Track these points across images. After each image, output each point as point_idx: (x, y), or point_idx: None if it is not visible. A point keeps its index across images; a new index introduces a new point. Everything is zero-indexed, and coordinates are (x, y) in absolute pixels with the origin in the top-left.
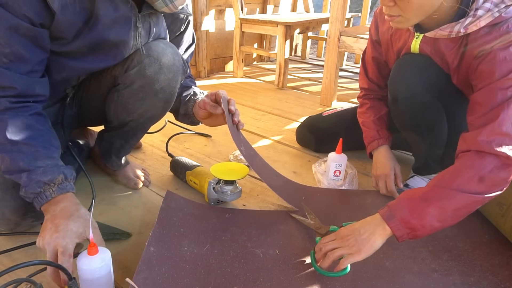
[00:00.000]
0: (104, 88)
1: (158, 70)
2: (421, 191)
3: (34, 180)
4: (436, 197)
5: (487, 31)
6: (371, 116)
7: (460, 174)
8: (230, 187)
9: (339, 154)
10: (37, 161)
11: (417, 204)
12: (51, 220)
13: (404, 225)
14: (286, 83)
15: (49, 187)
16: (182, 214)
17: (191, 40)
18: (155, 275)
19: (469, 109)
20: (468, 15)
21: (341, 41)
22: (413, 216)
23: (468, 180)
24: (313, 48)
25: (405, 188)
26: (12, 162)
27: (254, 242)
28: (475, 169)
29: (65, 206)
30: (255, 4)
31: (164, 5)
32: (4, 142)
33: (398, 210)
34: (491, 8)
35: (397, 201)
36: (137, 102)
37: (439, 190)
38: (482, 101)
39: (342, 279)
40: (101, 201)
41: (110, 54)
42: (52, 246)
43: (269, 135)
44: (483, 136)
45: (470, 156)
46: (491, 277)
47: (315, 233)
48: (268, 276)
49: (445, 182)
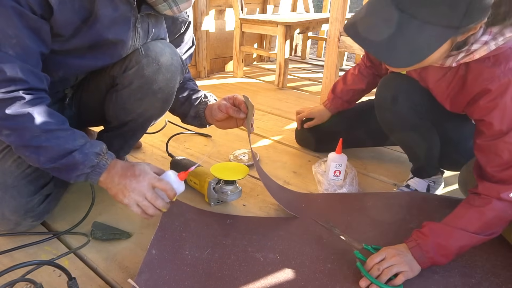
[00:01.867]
0: (103, 88)
1: (156, 70)
2: (446, 231)
3: (89, 154)
4: (460, 240)
5: (490, 65)
6: (344, 84)
7: (484, 221)
8: (230, 187)
9: (339, 154)
10: (77, 140)
11: (444, 246)
12: (122, 179)
13: (431, 263)
14: (286, 83)
15: (101, 157)
16: (184, 219)
17: (190, 42)
18: (156, 277)
19: (483, 155)
20: (462, 49)
21: (341, 41)
22: (441, 256)
23: (491, 224)
24: (313, 48)
25: (406, 189)
26: (57, 148)
27: (254, 246)
28: (499, 217)
29: (123, 166)
30: (255, 4)
31: (168, 7)
32: (38, 134)
33: (429, 252)
34: (488, 41)
35: (426, 240)
36: (135, 102)
37: (464, 235)
38: (499, 152)
39: (342, 279)
40: (101, 201)
41: (108, 53)
42: (145, 187)
43: (269, 135)
44: (506, 192)
45: (492, 203)
46: (492, 278)
47: (352, 247)
48: (268, 279)
49: (469, 227)
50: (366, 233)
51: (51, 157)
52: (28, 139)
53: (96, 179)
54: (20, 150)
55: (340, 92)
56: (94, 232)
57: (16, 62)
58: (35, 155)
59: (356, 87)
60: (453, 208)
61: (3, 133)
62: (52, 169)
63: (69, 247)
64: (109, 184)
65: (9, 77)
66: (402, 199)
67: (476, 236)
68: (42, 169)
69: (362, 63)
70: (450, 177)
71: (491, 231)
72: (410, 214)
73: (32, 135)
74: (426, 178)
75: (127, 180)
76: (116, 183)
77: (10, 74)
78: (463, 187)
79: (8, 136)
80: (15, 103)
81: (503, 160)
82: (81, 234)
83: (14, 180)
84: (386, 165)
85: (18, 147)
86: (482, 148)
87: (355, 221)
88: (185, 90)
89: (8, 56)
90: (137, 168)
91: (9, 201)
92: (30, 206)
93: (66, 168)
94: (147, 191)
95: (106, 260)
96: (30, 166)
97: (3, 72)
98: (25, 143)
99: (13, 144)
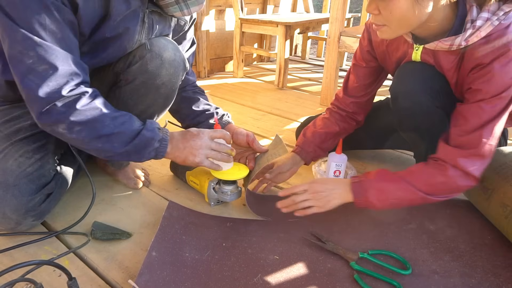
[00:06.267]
0: (106, 85)
1: (159, 65)
2: (393, 179)
3: (154, 130)
4: (402, 190)
5: (483, 41)
6: (314, 127)
7: (431, 183)
8: (230, 187)
9: (339, 154)
10: (137, 121)
11: (385, 190)
12: (185, 143)
13: (366, 203)
14: (286, 83)
15: (162, 131)
16: (184, 222)
17: (192, 40)
18: (156, 278)
19: (454, 118)
20: (466, 27)
21: (341, 41)
22: (377, 200)
23: (436, 188)
24: (313, 48)
25: None
26: (128, 132)
27: (254, 248)
28: (447, 184)
29: (179, 133)
30: (255, 4)
31: (179, 10)
32: (108, 123)
33: (368, 191)
34: (489, 17)
35: (371, 180)
36: (138, 98)
37: (408, 187)
38: (469, 116)
39: (342, 279)
40: (101, 201)
41: (115, 48)
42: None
43: (269, 135)
44: (463, 158)
45: (446, 170)
46: (492, 278)
47: (348, 258)
48: (268, 279)
49: (415, 182)
50: (366, 234)
51: (124, 141)
52: (100, 130)
53: (164, 151)
54: (93, 143)
55: (312, 135)
56: (94, 232)
57: (69, 57)
58: (109, 143)
59: (327, 130)
60: (453, 208)
61: (75, 129)
62: (124, 153)
63: (69, 247)
64: (176, 152)
65: (67, 72)
66: None
67: (418, 193)
68: (113, 156)
69: (332, 106)
70: None
71: (435, 195)
72: (410, 214)
73: (103, 125)
74: None
75: (191, 141)
76: (182, 148)
77: (67, 69)
78: None
79: (79, 132)
80: (82, 98)
81: (469, 125)
82: (81, 234)
83: (15, 179)
84: (386, 165)
85: (91, 141)
86: (457, 112)
87: (355, 221)
88: (199, 103)
89: (59, 52)
90: (191, 130)
91: (10, 200)
92: (31, 205)
93: (139, 147)
94: (211, 143)
95: (106, 260)
96: (31, 165)
97: (60, 68)
98: (98, 135)
99: (86, 138)
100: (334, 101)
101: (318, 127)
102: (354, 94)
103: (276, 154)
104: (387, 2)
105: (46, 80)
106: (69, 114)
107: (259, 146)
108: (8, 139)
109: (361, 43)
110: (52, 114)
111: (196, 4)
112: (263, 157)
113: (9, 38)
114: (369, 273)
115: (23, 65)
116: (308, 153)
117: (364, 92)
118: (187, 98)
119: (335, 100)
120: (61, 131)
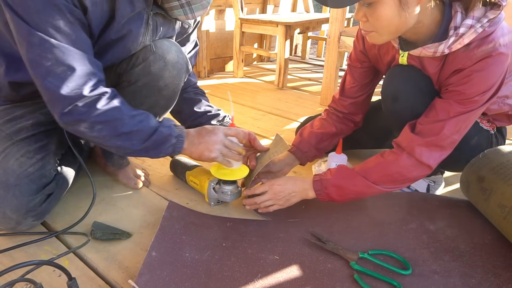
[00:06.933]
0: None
1: (162, 67)
2: (349, 175)
3: (171, 126)
4: (358, 186)
5: (463, 50)
6: (311, 128)
7: (386, 173)
8: (230, 187)
9: (339, 154)
10: (153, 118)
11: (343, 187)
12: (201, 138)
13: (329, 198)
14: (286, 83)
15: (179, 128)
16: (184, 222)
17: (195, 42)
18: (156, 278)
19: (426, 110)
20: (449, 34)
21: (341, 41)
22: (337, 196)
23: (392, 178)
24: (313, 48)
25: (406, 189)
26: (145, 129)
27: (254, 248)
28: (401, 173)
29: (195, 130)
30: (255, 4)
31: (183, 14)
32: (127, 121)
33: (328, 188)
34: (473, 24)
35: (329, 178)
36: (140, 99)
37: (363, 182)
38: (439, 109)
39: (342, 279)
40: (101, 200)
41: (120, 50)
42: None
43: (269, 135)
44: (420, 147)
45: (399, 159)
46: (492, 278)
47: (348, 258)
48: (268, 279)
49: (370, 176)
50: (366, 234)
51: (142, 138)
52: (120, 128)
53: (181, 147)
54: (112, 141)
55: (308, 135)
56: (94, 232)
57: (85, 57)
58: (128, 141)
59: (324, 131)
60: (453, 208)
61: (96, 128)
62: (142, 149)
63: (69, 247)
64: (191, 148)
65: (84, 72)
66: (402, 199)
67: (373, 186)
68: (132, 153)
69: (329, 107)
70: (450, 177)
71: (390, 186)
72: (410, 214)
73: (123, 124)
74: (426, 178)
75: (206, 137)
76: (197, 144)
77: (84, 70)
78: (465, 187)
79: (100, 130)
80: (102, 98)
81: (436, 116)
82: (81, 234)
83: (16, 179)
84: None
85: (111, 138)
86: (431, 105)
87: (355, 221)
88: (201, 105)
89: (76, 53)
90: (206, 127)
91: (11, 200)
92: (32, 205)
93: (157, 143)
94: (224, 139)
95: (106, 260)
96: (33, 165)
97: (77, 68)
98: (118, 133)
99: (106, 136)
100: (331, 103)
101: (315, 127)
102: (351, 95)
103: (278, 152)
104: (374, 10)
105: (66, 81)
106: (90, 113)
107: (260, 145)
108: (10, 138)
109: (355, 45)
110: (73, 114)
111: (201, 8)
112: (264, 156)
113: (26, 42)
114: (369, 273)
115: (42, 67)
116: (303, 153)
117: (361, 92)
118: (188, 99)
119: (332, 102)
120: (83, 130)
